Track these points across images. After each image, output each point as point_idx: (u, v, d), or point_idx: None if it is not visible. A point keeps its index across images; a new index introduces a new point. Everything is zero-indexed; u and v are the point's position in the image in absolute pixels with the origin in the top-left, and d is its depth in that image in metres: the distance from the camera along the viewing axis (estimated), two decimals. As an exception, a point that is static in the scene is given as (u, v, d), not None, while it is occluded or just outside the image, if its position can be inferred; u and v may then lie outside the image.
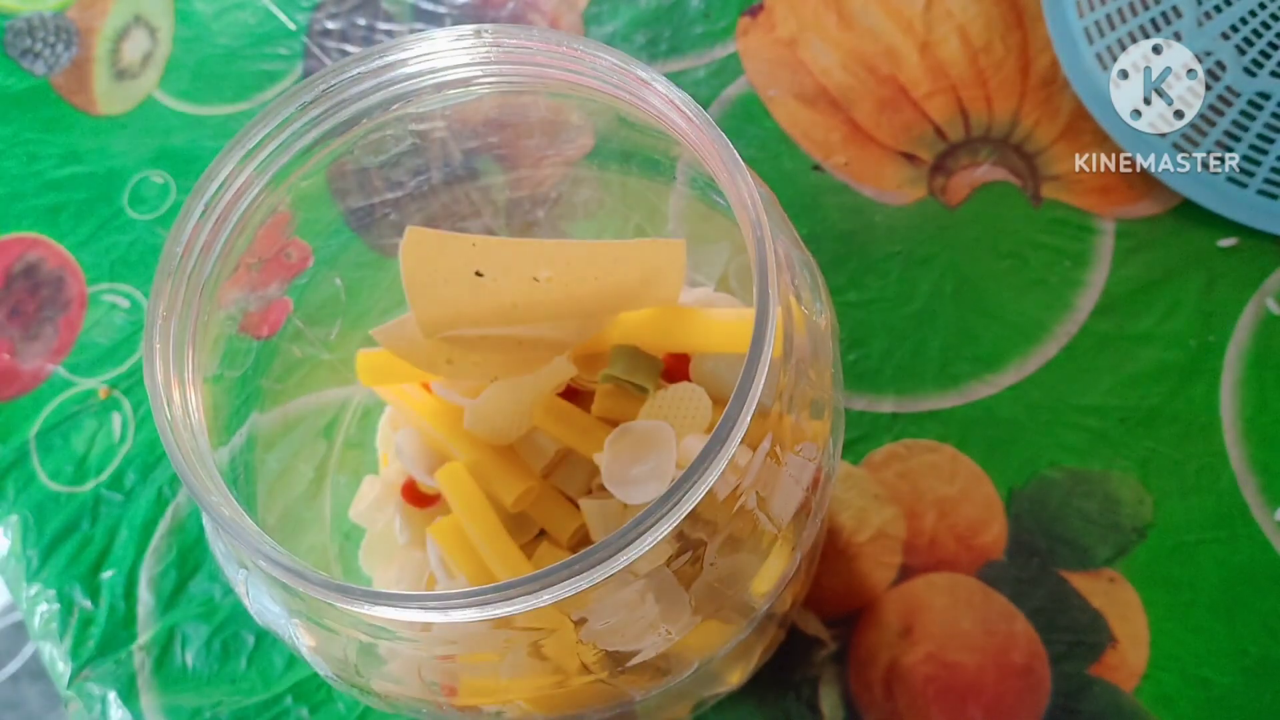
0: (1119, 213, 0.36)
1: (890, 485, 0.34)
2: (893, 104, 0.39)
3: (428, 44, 0.23)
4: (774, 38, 0.41)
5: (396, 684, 0.23)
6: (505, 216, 0.33)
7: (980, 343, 0.35)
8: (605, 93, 0.23)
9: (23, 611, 0.36)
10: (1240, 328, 0.35)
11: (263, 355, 0.29)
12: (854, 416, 0.35)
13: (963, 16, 0.40)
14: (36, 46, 0.45)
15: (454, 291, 0.27)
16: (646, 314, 0.27)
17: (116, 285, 0.40)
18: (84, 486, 0.37)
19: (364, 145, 0.26)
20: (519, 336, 0.28)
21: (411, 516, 0.29)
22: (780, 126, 0.39)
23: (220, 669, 0.34)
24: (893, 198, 0.38)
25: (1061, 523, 0.33)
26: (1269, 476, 0.33)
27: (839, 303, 0.36)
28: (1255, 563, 0.32)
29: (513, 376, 0.28)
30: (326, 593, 0.19)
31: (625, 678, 0.24)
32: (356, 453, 0.33)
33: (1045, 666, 0.31)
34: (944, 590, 0.32)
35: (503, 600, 0.19)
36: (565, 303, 0.27)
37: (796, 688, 0.32)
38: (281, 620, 0.23)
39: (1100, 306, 0.35)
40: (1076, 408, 0.34)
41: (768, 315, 0.20)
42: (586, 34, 0.42)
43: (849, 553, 0.33)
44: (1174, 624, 0.31)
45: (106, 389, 0.38)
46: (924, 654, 0.32)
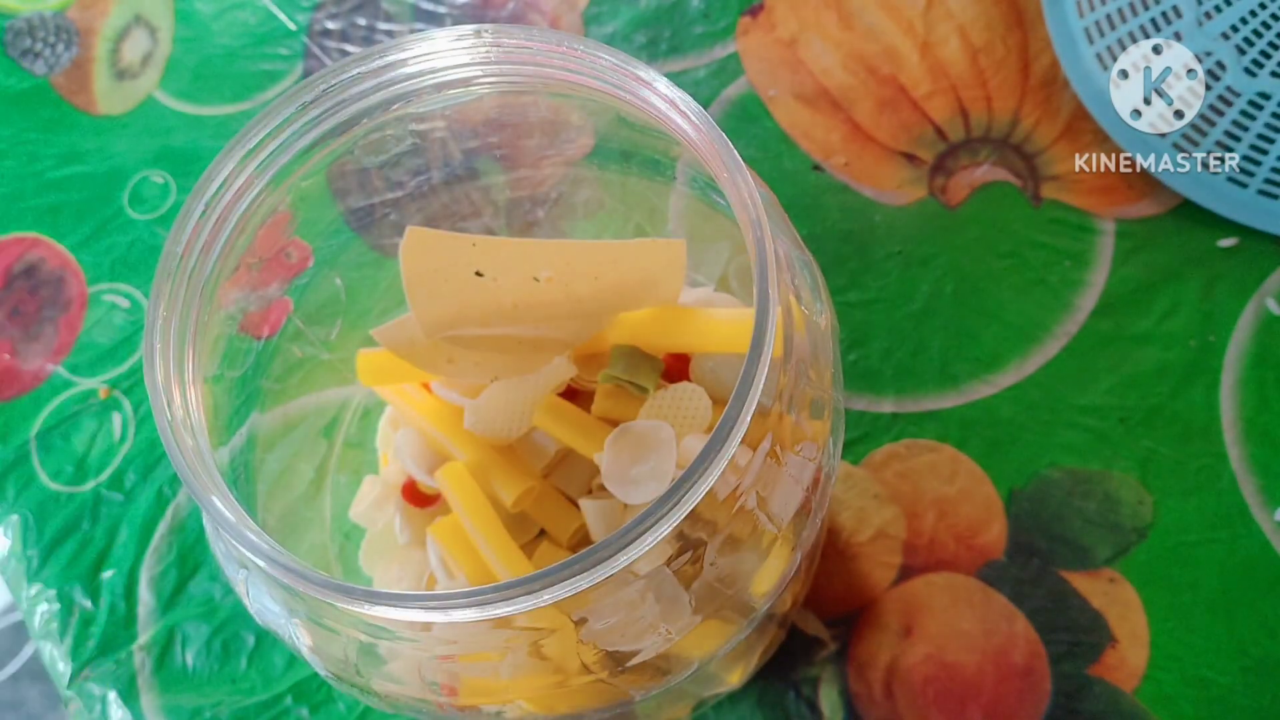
0: (1119, 213, 0.36)
1: (890, 485, 0.34)
2: (893, 104, 0.39)
3: (428, 44, 0.23)
4: (774, 38, 0.41)
5: (397, 684, 0.23)
6: (505, 216, 0.33)
7: (980, 343, 0.35)
8: (605, 93, 0.23)
9: (23, 611, 0.36)
10: (1240, 328, 0.35)
11: (263, 355, 0.29)
12: (854, 416, 0.35)
13: (963, 16, 0.40)
14: (36, 46, 0.45)
15: (454, 291, 0.27)
16: (646, 314, 0.27)
17: (117, 285, 0.40)
18: (84, 486, 0.37)
19: (364, 145, 0.26)
20: (519, 336, 0.28)
21: (411, 516, 0.29)
22: (780, 126, 0.39)
23: (220, 669, 0.34)
24: (893, 198, 0.38)
25: (1061, 523, 0.33)
26: (1269, 476, 0.33)
27: (839, 303, 0.36)
28: (1255, 563, 0.32)
29: (513, 376, 0.28)
30: (326, 593, 0.19)
31: (625, 678, 0.24)
32: (357, 452, 0.33)
33: (1045, 666, 0.31)
34: (944, 590, 0.32)
35: (503, 600, 0.19)
36: (565, 303, 0.27)
37: (796, 687, 0.32)
38: (282, 620, 0.23)
39: (1100, 306, 0.35)
40: (1076, 408, 0.34)
41: (768, 315, 0.20)
42: (586, 34, 0.42)
43: (849, 553, 0.33)
44: (1174, 624, 0.31)
45: (107, 389, 0.38)
46: (924, 654, 0.32)
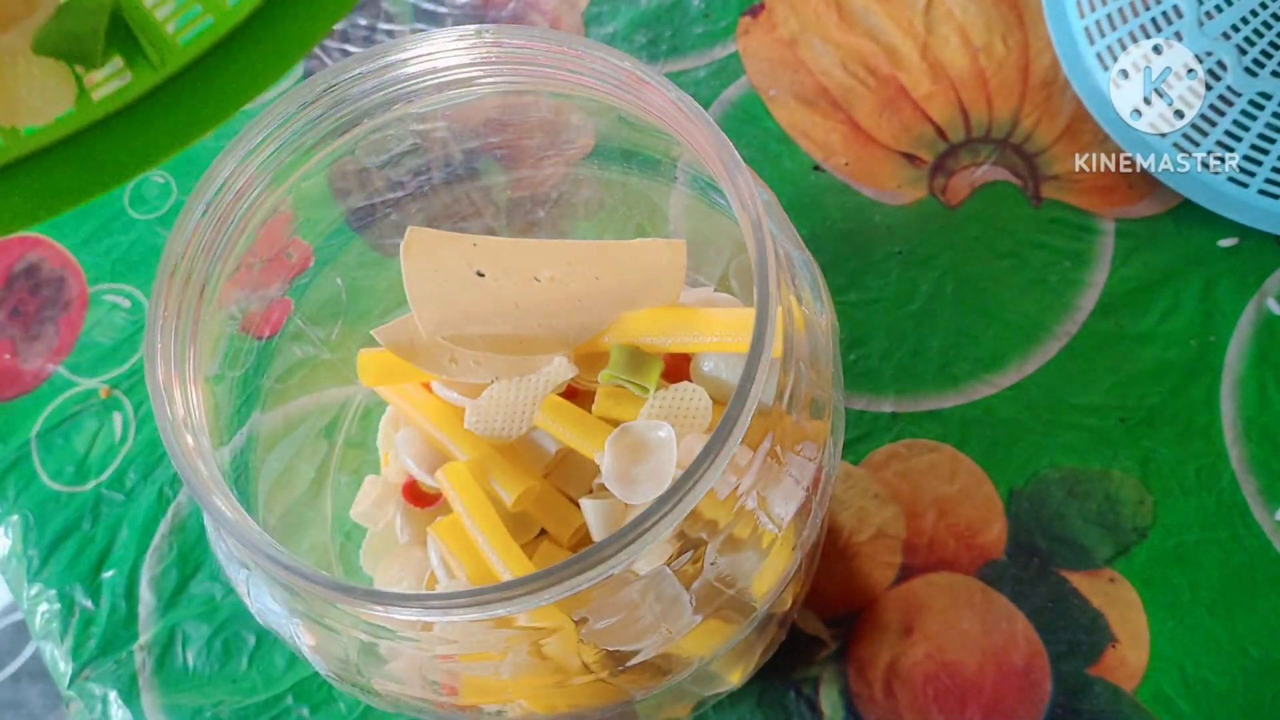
0: (1119, 213, 0.37)
1: (890, 485, 0.34)
2: (893, 104, 0.39)
3: (429, 44, 0.23)
4: (774, 37, 0.41)
5: (398, 684, 0.23)
6: (506, 216, 0.33)
7: (980, 343, 0.35)
8: (605, 93, 0.23)
9: (24, 611, 0.36)
10: (1240, 328, 0.35)
11: (264, 355, 0.29)
12: (854, 416, 0.35)
13: (963, 16, 0.40)
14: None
15: (455, 291, 0.27)
16: (647, 314, 0.28)
17: (117, 285, 0.40)
18: (85, 486, 0.37)
19: (365, 145, 0.26)
20: (520, 336, 0.28)
21: (412, 516, 0.29)
22: (781, 127, 0.39)
23: (221, 669, 0.34)
24: (893, 198, 0.38)
25: (1061, 523, 0.33)
26: (1269, 476, 0.33)
27: (839, 303, 0.36)
28: (1255, 563, 0.32)
29: (513, 376, 0.28)
30: (327, 593, 0.19)
31: (625, 677, 0.24)
32: (357, 452, 0.33)
33: (1045, 666, 0.31)
34: (944, 590, 0.32)
35: (503, 600, 0.19)
36: (566, 303, 0.27)
37: (797, 687, 0.32)
38: (283, 620, 0.23)
39: (1100, 306, 0.35)
40: (1076, 408, 0.34)
41: (768, 315, 0.20)
42: (587, 34, 0.42)
43: (849, 553, 0.33)
44: (1174, 624, 0.31)
45: (107, 389, 0.38)
46: (924, 654, 0.32)
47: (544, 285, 0.27)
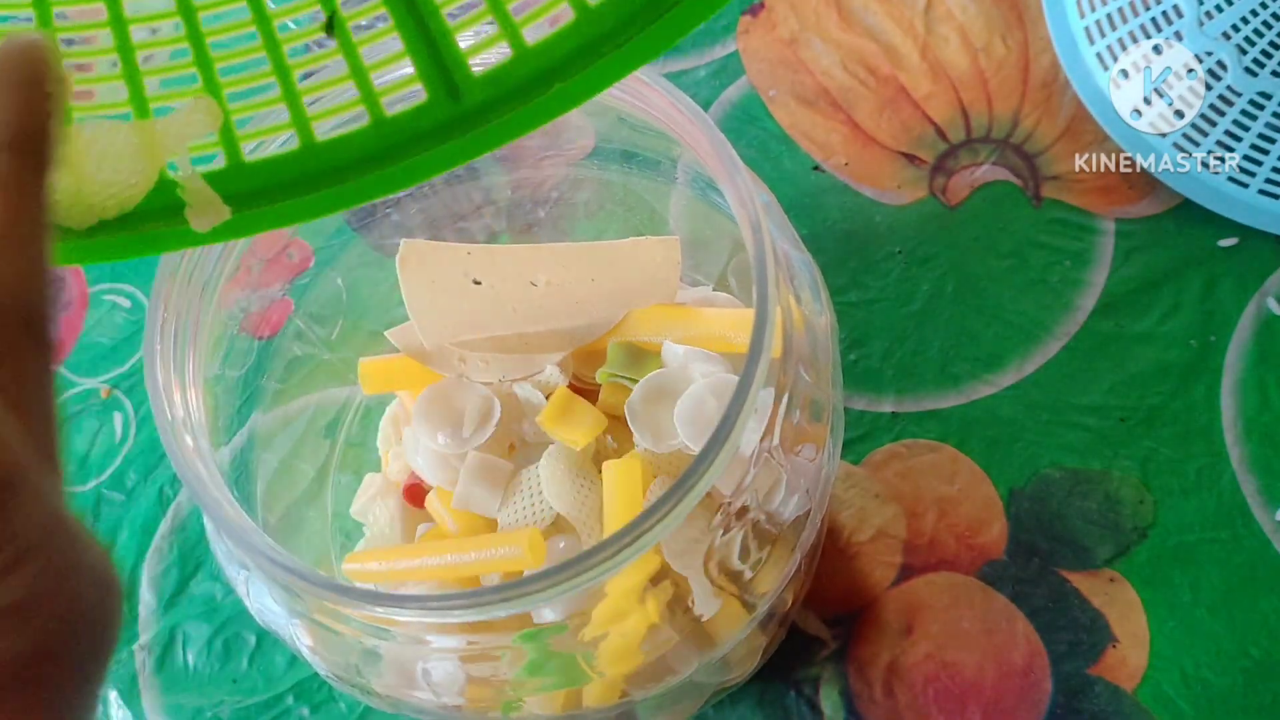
0: (1119, 213, 0.36)
1: (890, 485, 0.34)
2: (893, 104, 0.39)
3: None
4: (774, 37, 0.41)
5: (398, 684, 0.23)
6: (506, 216, 0.33)
7: (980, 342, 0.35)
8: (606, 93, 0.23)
9: (24, 611, 0.36)
10: (1241, 328, 0.35)
11: (264, 355, 0.29)
12: (854, 416, 0.35)
13: (963, 16, 0.40)
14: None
15: (453, 300, 0.27)
16: (647, 314, 0.28)
17: (117, 285, 0.40)
18: (85, 486, 0.37)
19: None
20: (522, 338, 0.28)
21: (406, 515, 0.30)
22: (781, 127, 0.39)
23: (222, 669, 0.34)
24: (893, 198, 0.38)
25: (1061, 523, 0.33)
26: (1269, 476, 0.33)
27: (839, 303, 0.36)
28: (1255, 563, 0.32)
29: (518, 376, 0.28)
30: (327, 593, 0.19)
31: (626, 677, 0.24)
32: (358, 452, 0.33)
33: (1045, 666, 0.31)
34: (944, 590, 0.32)
35: (503, 600, 0.19)
36: (564, 305, 0.27)
37: (797, 686, 0.32)
38: (282, 620, 0.23)
39: (1101, 306, 0.35)
40: (1077, 407, 0.34)
41: (767, 315, 0.20)
42: (587, 34, 0.42)
43: (849, 552, 0.33)
44: (1174, 624, 0.31)
45: (108, 389, 0.38)
46: (924, 654, 0.32)
47: (541, 290, 0.27)
